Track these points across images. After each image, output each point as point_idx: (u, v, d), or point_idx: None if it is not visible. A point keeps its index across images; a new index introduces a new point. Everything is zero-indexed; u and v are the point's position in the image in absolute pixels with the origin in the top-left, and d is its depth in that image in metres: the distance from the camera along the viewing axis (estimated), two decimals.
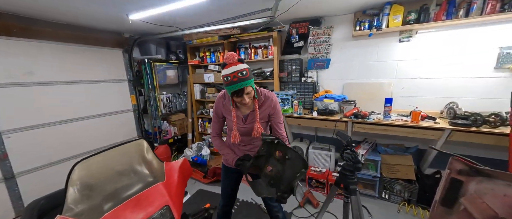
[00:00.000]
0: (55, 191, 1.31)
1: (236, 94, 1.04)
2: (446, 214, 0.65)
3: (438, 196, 0.68)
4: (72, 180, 0.70)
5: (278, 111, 1.23)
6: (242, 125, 1.22)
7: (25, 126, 2.12)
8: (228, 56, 1.04)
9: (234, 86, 1.01)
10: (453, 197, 0.63)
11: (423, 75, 2.17)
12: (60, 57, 2.34)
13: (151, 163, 0.94)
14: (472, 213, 0.55)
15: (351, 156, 0.96)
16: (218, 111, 1.28)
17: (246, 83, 1.02)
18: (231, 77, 1.01)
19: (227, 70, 1.03)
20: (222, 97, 1.25)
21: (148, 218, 0.76)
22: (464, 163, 0.61)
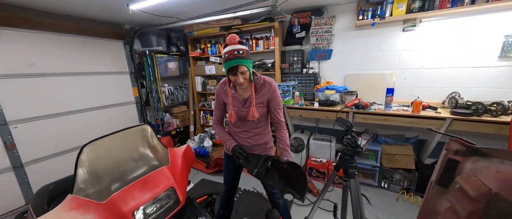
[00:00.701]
0: (63, 177, 1.36)
1: (231, 71, 1.06)
2: (441, 193, 0.67)
3: (434, 176, 0.70)
4: (81, 161, 0.73)
5: (277, 96, 1.24)
6: (241, 108, 1.23)
7: (30, 117, 2.16)
8: (230, 37, 1.08)
9: (230, 63, 1.04)
10: (449, 177, 0.65)
11: (426, 65, 2.15)
12: (60, 49, 2.34)
13: (155, 148, 0.96)
14: (467, 190, 0.56)
15: (351, 141, 0.98)
16: (219, 97, 1.30)
17: (241, 61, 1.04)
18: (228, 54, 1.04)
19: (226, 48, 1.07)
20: (223, 83, 1.27)
21: (155, 198, 0.79)
22: (461, 143, 0.62)
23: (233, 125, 1.34)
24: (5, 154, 2.03)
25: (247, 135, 1.32)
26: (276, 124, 1.29)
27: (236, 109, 1.24)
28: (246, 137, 1.32)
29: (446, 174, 0.65)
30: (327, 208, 1.98)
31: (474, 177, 0.57)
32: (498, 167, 0.53)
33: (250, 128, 1.31)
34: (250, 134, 1.32)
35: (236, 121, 1.28)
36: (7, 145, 2.02)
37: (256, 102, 1.19)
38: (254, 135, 1.32)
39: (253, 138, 1.32)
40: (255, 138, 1.32)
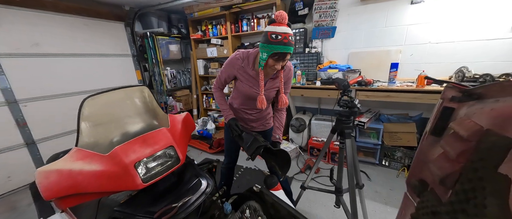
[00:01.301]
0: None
1: (278, 56, 0.96)
2: (434, 142, 0.67)
3: (428, 127, 0.70)
4: (83, 115, 0.76)
5: (291, 81, 1.23)
6: (259, 91, 1.15)
7: (38, 96, 2.23)
8: (281, 13, 0.94)
9: (283, 48, 0.93)
10: (443, 125, 0.65)
11: (434, 40, 2.06)
12: (63, 30, 2.36)
13: (155, 110, 0.99)
14: (459, 132, 0.56)
15: (348, 102, 0.98)
16: (230, 72, 1.19)
17: (291, 49, 0.97)
18: (283, 37, 0.92)
19: (277, 28, 0.93)
20: (239, 58, 1.14)
21: (155, 154, 0.83)
22: (458, 89, 0.61)
23: (241, 103, 1.30)
24: (17, 131, 2.13)
25: (252, 111, 1.33)
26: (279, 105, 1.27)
27: (254, 91, 1.17)
28: (252, 112, 1.33)
29: (440, 123, 0.65)
30: (324, 181, 2.02)
31: (467, 120, 0.57)
32: (492, 105, 0.52)
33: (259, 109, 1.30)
34: (255, 110, 1.33)
35: (247, 100, 1.26)
36: (19, 122, 2.12)
37: (274, 86, 1.18)
38: (259, 111, 1.34)
39: (259, 113, 1.34)
40: (260, 114, 1.35)
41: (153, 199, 0.86)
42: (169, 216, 0.75)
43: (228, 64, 1.18)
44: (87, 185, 0.74)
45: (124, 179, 0.76)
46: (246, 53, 1.15)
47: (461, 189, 0.51)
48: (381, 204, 1.75)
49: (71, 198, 0.77)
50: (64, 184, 0.71)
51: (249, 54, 1.14)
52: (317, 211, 1.71)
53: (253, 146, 1.04)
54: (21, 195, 2.11)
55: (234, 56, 1.15)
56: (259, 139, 1.08)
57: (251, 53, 1.15)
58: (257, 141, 1.06)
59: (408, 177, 0.75)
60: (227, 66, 1.18)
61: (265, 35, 0.96)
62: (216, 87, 1.30)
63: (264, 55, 0.99)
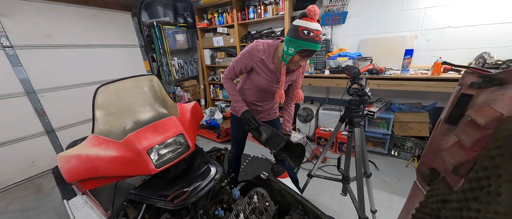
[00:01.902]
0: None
1: (307, 53, 0.93)
2: (449, 131, 0.65)
3: (443, 115, 0.67)
4: (98, 103, 0.79)
5: (303, 75, 1.19)
6: (275, 84, 1.15)
7: (54, 86, 2.33)
8: (314, 8, 0.88)
9: (314, 45, 0.89)
10: (459, 113, 0.62)
11: (454, 24, 1.93)
12: (72, 21, 2.39)
13: (164, 99, 1.01)
14: (476, 120, 0.54)
15: (358, 89, 0.95)
16: (247, 64, 1.13)
17: (319, 48, 0.92)
18: (315, 34, 0.88)
19: (310, 24, 0.88)
20: (260, 50, 1.08)
21: (166, 141, 0.86)
22: (478, 74, 0.58)
23: (253, 95, 1.28)
24: (37, 119, 2.25)
25: (262, 104, 1.33)
26: (289, 98, 1.28)
27: (269, 84, 1.15)
28: (260, 105, 1.33)
29: (457, 110, 0.62)
30: (331, 171, 2.03)
31: (486, 107, 0.54)
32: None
33: (270, 99, 1.31)
34: (265, 102, 1.33)
35: (260, 93, 1.25)
36: (38, 111, 2.23)
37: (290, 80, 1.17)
38: (269, 103, 1.35)
39: (268, 105, 1.35)
40: (269, 105, 1.36)
41: (165, 183, 0.90)
42: (181, 199, 0.79)
43: (246, 54, 1.11)
44: (104, 169, 0.79)
45: (138, 164, 0.80)
46: (266, 45, 1.09)
47: (475, 177, 0.50)
48: (388, 193, 1.75)
49: (90, 181, 0.82)
50: (83, 168, 0.76)
51: (270, 45, 1.09)
52: (323, 199, 1.74)
53: (275, 141, 1.03)
54: (45, 179, 2.27)
55: (254, 46, 1.08)
56: (279, 133, 1.07)
57: (271, 45, 1.09)
58: (278, 135, 1.05)
59: (419, 165, 0.74)
60: (245, 56, 1.12)
61: (295, 30, 0.90)
62: (227, 77, 1.24)
63: (291, 50, 0.93)
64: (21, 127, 2.16)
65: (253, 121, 1.11)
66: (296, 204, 1.04)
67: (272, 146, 1.03)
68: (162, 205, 0.79)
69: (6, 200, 1.96)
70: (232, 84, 1.24)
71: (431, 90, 1.81)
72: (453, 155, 0.59)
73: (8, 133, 2.09)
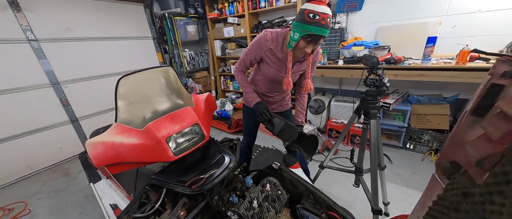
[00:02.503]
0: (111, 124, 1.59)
1: (311, 38, 0.88)
2: (474, 123, 0.62)
3: (469, 106, 0.63)
4: (119, 94, 0.83)
5: (316, 63, 1.17)
6: (285, 74, 1.11)
7: (76, 78, 2.46)
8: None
9: (319, 30, 0.84)
10: (488, 104, 0.59)
11: (484, 8, 1.76)
12: (89, 14, 2.46)
13: (180, 90, 1.04)
14: (507, 111, 0.51)
15: (376, 80, 0.92)
16: (257, 53, 1.11)
17: (327, 33, 0.87)
18: (321, 17, 0.83)
19: (317, 6, 0.83)
20: (269, 40, 1.06)
21: (183, 130, 0.90)
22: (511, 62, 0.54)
23: (260, 82, 1.27)
24: (62, 109, 2.42)
25: (273, 94, 1.32)
26: (301, 88, 1.23)
27: (278, 73, 1.14)
28: (271, 95, 1.33)
29: (485, 102, 0.59)
30: (344, 155, 2.02)
31: None
32: None
33: (281, 90, 1.29)
34: (276, 93, 1.32)
35: (271, 83, 1.24)
36: (63, 102, 2.39)
37: (300, 70, 1.14)
38: (280, 94, 1.34)
39: (279, 96, 1.35)
40: (281, 96, 1.35)
41: (183, 170, 0.95)
42: (198, 185, 0.83)
43: (255, 44, 1.10)
44: (127, 155, 0.84)
45: (158, 151, 0.85)
46: (275, 34, 1.06)
47: (502, 171, 0.48)
48: (402, 186, 1.72)
49: (115, 166, 0.89)
50: (109, 154, 0.82)
51: (278, 34, 1.06)
52: (334, 190, 1.75)
53: (289, 133, 1.02)
54: (72, 164, 2.47)
55: (263, 36, 1.06)
56: (292, 125, 1.06)
57: (280, 33, 1.06)
58: (291, 127, 1.04)
59: (439, 158, 0.72)
60: (254, 46, 1.10)
61: (301, 13, 0.86)
62: (238, 69, 1.23)
63: (296, 35, 0.90)
64: (49, 116, 2.33)
65: (266, 113, 1.11)
66: (307, 193, 1.06)
67: (285, 138, 1.04)
68: (181, 190, 0.84)
69: (40, 182, 2.17)
70: (243, 76, 1.24)
71: (455, 80, 1.69)
72: (478, 148, 0.57)
73: (38, 121, 2.27)
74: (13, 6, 1.93)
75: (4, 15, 1.92)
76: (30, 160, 2.27)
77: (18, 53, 2.04)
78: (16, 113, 2.11)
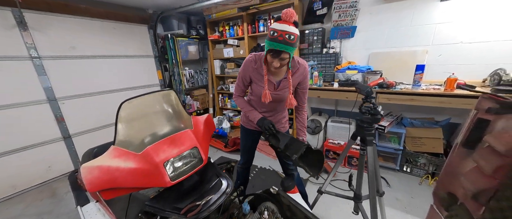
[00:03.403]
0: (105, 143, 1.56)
1: (272, 53, 0.99)
2: (466, 155, 0.64)
3: (460, 138, 0.67)
4: (121, 117, 0.84)
5: (307, 80, 1.22)
6: (274, 91, 1.19)
7: (74, 94, 2.46)
8: (287, 12, 0.95)
9: (276, 45, 0.95)
10: (477, 138, 0.62)
11: (466, 39, 1.91)
12: (95, 33, 2.56)
13: (180, 113, 1.05)
14: (495, 147, 0.54)
15: (370, 108, 0.95)
16: (245, 75, 1.22)
17: (287, 48, 0.96)
18: (278, 34, 0.94)
19: (278, 25, 0.95)
20: (252, 61, 1.18)
21: (181, 154, 0.89)
22: (495, 100, 0.58)
23: (256, 104, 1.32)
24: (56, 126, 2.37)
25: (269, 114, 1.34)
26: (299, 105, 1.29)
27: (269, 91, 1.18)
28: (268, 115, 1.34)
29: (474, 135, 0.62)
30: (342, 178, 1.99)
31: (505, 134, 0.54)
32: None
33: (275, 108, 1.32)
34: (272, 112, 1.34)
35: (259, 102, 1.26)
36: (58, 118, 2.36)
37: (286, 86, 1.17)
38: (275, 113, 1.35)
39: (275, 115, 1.35)
40: (275, 115, 1.36)
41: (178, 196, 0.92)
42: (194, 213, 0.81)
43: (242, 67, 1.22)
44: (123, 180, 0.82)
45: (155, 176, 0.83)
46: (258, 55, 1.18)
47: (497, 207, 0.49)
48: (402, 212, 1.68)
49: (109, 192, 0.86)
50: (104, 179, 0.80)
51: (261, 55, 1.17)
52: (333, 215, 1.70)
53: (296, 147, 1.01)
54: (60, 183, 2.35)
55: (247, 58, 1.19)
56: (297, 139, 1.06)
57: (262, 54, 1.17)
58: (298, 141, 1.04)
59: (436, 188, 0.73)
60: (242, 69, 1.23)
61: (269, 32, 0.99)
62: (236, 95, 1.32)
63: (265, 50, 1.05)
64: (41, 132, 2.27)
65: (272, 127, 1.14)
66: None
67: (292, 152, 1.01)
68: (176, 218, 0.81)
69: (24, 203, 2.04)
70: (242, 99, 1.33)
71: (444, 105, 1.77)
72: (473, 181, 0.58)
73: (29, 138, 2.20)
74: (20, 26, 2.00)
75: (11, 34, 1.97)
76: (16, 179, 2.16)
77: (18, 70, 2.06)
78: (8, 130, 2.06)
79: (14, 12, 1.96)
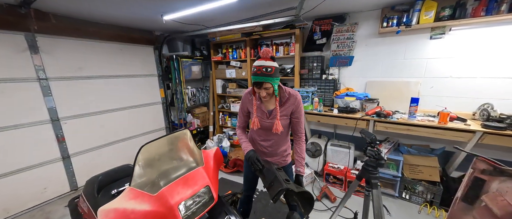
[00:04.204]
0: (109, 170, 1.56)
1: (256, 85, 1.15)
2: (466, 210, 0.70)
3: (459, 193, 0.73)
4: (138, 159, 0.87)
5: (300, 109, 1.30)
6: (266, 120, 1.29)
7: (77, 114, 2.47)
8: (264, 50, 1.15)
9: (255, 78, 1.13)
10: (475, 195, 0.68)
11: (455, 74, 2.06)
12: (102, 54, 2.63)
13: (192, 150, 1.09)
14: (492, 209, 0.60)
15: (375, 153, 1.02)
16: (244, 105, 1.39)
17: (266, 79, 1.12)
18: (257, 69, 1.12)
19: (257, 62, 1.14)
20: (248, 93, 1.36)
21: (195, 194, 0.92)
22: (488, 164, 0.65)
23: (254, 132, 1.41)
24: (56, 146, 2.34)
25: (267, 143, 1.39)
26: (296, 135, 1.35)
27: (260, 119, 1.31)
28: (266, 145, 1.39)
29: (472, 192, 0.68)
30: (346, 215, 2.00)
31: (500, 197, 0.60)
32: None
33: (271, 137, 1.37)
34: (270, 142, 1.38)
35: (258, 130, 1.36)
36: (59, 138, 2.34)
37: (280, 114, 1.25)
38: (274, 144, 1.38)
39: (273, 146, 1.38)
40: (274, 146, 1.39)
41: None
42: None
43: (242, 100, 1.40)
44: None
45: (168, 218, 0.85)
46: (253, 89, 1.31)
47: None
48: None
49: None
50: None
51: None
52: None
53: (274, 189, 1.02)
54: (55, 206, 2.27)
55: (245, 91, 1.37)
56: (280, 179, 1.05)
57: None
58: (278, 182, 1.04)
59: None
60: (241, 102, 1.41)
61: (252, 69, 1.17)
62: (238, 126, 1.47)
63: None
64: (40, 153, 2.24)
65: (258, 163, 1.19)
66: None
67: (271, 193, 1.03)
68: None
69: None
70: (240, 130, 1.46)
71: (439, 137, 1.86)
72: None
73: (28, 159, 2.17)
74: (31, 49, 2.05)
75: (21, 57, 2.02)
76: (8, 202, 2.08)
77: (25, 91, 2.08)
78: (8, 151, 2.03)
79: (27, 37, 2.02)
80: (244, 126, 1.48)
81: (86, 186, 1.49)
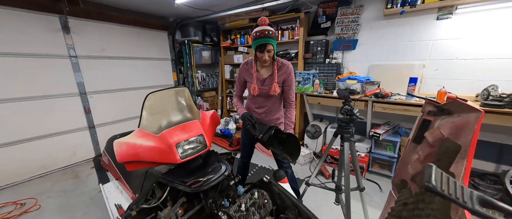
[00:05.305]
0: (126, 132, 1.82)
1: (259, 48, 1.24)
2: (414, 148, 0.80)
3: (411, 135, 0.83)
4: (145, 105, 1.06)
5: (292, 78, 1.43)
6: (261, 86, 1.43)
7: (101, 90, 2.80)
8: (261, 19, 1.25)
9: (259, 40, 1.21)
10: (421, 134, 0.78)
11: (461, 56, 2.01)
12: (121, 38, 2.92)
13: (191, 106, 1.27)
14: (429, 140, 0.70)
15: (348, 110, 1.11)
16: (241, 75, 1.52)
17: (269, 40, 1.21)
18: (259, 33, 1.21)
19: (257, 28, 1.24)
20: (244, 63, 1.49)
21: (190, 139, 1.10)
22: (433, 105, 0.74)
23: (251, 100, 1.56)
24: (83, 116, 2.70)
25: (261, 110, 1.54)
26: (287, 103, 1.49)
27: (257, 86, 1.43)
28: (260, 112, 1.54)
29: (420, 132, 0.78)
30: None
31: (437, 130, 0.70)
32: (454, 119, 0.65)
33: (265, 104, 1.51)
34: (264, 109, 1.53)
35: (253, 97, 1.51)
36: (86, 109, 2.69)
37: (272, 81, 1.39)
38: (267, 111, 1.52)
39: (266, 113, 1.53)
40: (268, 113, 1.53)
41: (185, 173, 1.12)
42: (197, 186, 1.00)
43: (238, 72, 1.53)
44: (144, 155, 1.04)
45: (168, 154, 1.04)
46: (250, 60, 1.45)
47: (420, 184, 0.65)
48: None
49: (133, 164, 1.08)
50: (130, 152, 1.02)
51: (252, 59, 1.44)
52: (323, 211, 1.81)
53: (265, 128, 1.22)
54: (82, 168, 2.65)
55: (243, 62, 1.50)
56: (271, 126, 1.25)
57: (252, 58, 1.43)
58: (270, 127, 1.24)
59: (393, 177, 0.87)
60: (238, 74, 1.54)
61: (252, 36, 1.26)
62: (235, 94, 1.61)
63: (254, 50, 1.30)
64: (70, 121, 2.61)
65: (250, 119, 1.36)
66: (292, 207, 1.19)
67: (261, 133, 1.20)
68: (183, 188, 1.01)
69: (52, 182, 2.34)
70: (237, 98, 1.61)
71: None
72: (413, 167, 0.74)
73: (60, 126, 2.54)
74: (64, 30, 2.37)
75: (55, 36, 2.35)
76: (45, 160, 2.48)
77: (58, 66, 2.42)
78: (42, 117, 2.40)
79: (61, 18, 2.34)
80: (241, 94, 1.62)
81: (107, 143, 1.76)
